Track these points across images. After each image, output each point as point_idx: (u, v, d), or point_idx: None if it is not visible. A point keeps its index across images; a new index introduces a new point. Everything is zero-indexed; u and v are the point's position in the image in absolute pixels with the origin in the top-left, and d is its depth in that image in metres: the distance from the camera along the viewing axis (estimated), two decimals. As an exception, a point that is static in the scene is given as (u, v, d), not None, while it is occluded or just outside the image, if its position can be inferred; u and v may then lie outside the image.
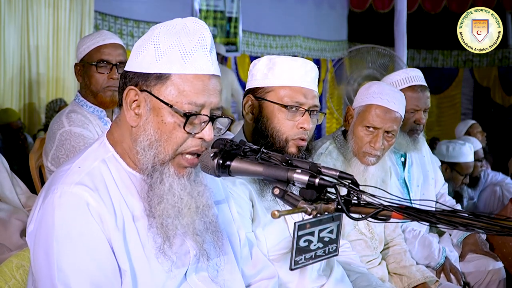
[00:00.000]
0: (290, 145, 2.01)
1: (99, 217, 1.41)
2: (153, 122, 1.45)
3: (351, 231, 2.64)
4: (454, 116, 11.24)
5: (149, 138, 1.45)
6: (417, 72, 3.15)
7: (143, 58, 1.46)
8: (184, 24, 1.48)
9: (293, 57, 2.08)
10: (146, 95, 1.45)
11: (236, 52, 8.37)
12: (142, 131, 1.46)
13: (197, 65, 1.45)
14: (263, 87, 2.04)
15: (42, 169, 2.88)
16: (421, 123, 3.07)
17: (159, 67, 1.44)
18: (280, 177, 1.36)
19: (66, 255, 1.38)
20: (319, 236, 1.37)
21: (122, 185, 1.48)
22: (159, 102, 1.44)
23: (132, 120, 1.47)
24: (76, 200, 1.40)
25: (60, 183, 1.43)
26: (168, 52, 1.44)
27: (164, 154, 1.45)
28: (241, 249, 1.76)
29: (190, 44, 1.45)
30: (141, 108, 1.46)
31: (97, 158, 1.50)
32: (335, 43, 10.53)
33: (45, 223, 1.40)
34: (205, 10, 7.77)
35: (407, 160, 3.16)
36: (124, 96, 1.47)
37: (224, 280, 1.62)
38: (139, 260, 1.46)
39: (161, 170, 1.45)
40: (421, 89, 3.08)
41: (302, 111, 2.00)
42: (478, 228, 1.15)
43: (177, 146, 1.46)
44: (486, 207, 5.01)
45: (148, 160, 1.45)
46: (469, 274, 3.14)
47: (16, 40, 5.95)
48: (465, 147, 4.44)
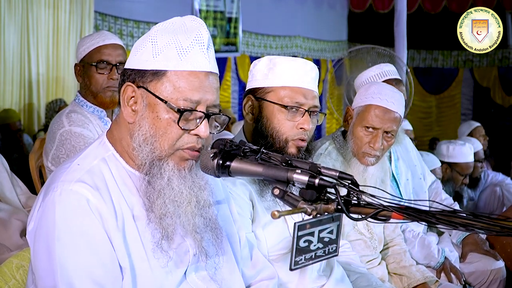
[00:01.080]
0: (289, 146, 2.01)
1: (99, 214, 1.41)
2: (148, 118, 1.46)
3: (351, 231, 2.64)
4: (454, 116, 11.25)
5: (144, 134, 1.45)
6: (391, 67, 3.25)
7: (141, 55, 1.47)
8: (182, 22, 1.49)
9: (294, 58, 2.08)
10: (143, 91, 1.46)
11: (236, 53, 8.37)
12: (137, 126, 1.47)
13: (193, 61, 1.46)
14: (263, 87, 2.04)
15: (42, 169, 2.88)
16: None
17: (155, 63, 1.45)
18: (280, 178, 1.36)
19: (67, 252, 1.38)
20: (319, 236, 1.37)
21: (122, 183, 1.49)
22: (155, 98, 1.45)
23: (129, 116, 1.48)
24: (76, 197, 1.40)
25: (60, 181, 1.43)
26: (165, 49, 1.45)
27: (160, 149, 1.46)
28: (241, 250, 1.76)
29: (187, 41, 1.46)
30: (138, 104, 1.47)
31: (97, 156, 1.50)
32: (335, 44, 10.54)
33: (45, 221, 1.41)
34: (205, 11, 7.77)
35: (392, 154, 3.18)
36: (122, 92, 1.49)
37: (223, 280, 1.62)
38: (139, 258, 1.46)
39: (159, 165, 1.46)
40: (395, 82, 3.15)
41: (302, 111, 2.00)
42: (478, 228, 1.15)
43: (173, 142, 1.46)
44: (486, 207, 5.01)
45: (145, 156, 1.46)
46: (470, 275, 3.15)
47: (16, 40, 5.95)
48: (465, 147, 4.44)
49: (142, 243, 1.47)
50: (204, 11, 7.74)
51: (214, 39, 7.87)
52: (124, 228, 1.45)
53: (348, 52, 6.66)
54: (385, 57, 5.59)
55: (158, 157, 1.46)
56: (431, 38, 10.80)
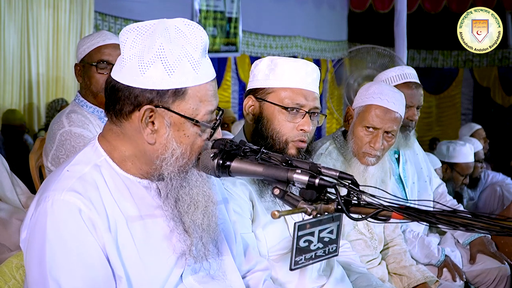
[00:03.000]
0: (290, 147, 2.00)
1: (91, 223, 1.40)
2: (175, 137, 1.45)
3: (351, 231, 2.64)
4: (454, 116, 11.26)
5: (175, 154, 1.45)
6: (412, 70, 3.20)
7: (151, 73, 1.42)
8: (176, 28, 1.45)
9: (295, 59, 2.07)
10: (163, 111, 1.44)
11: (236, 53, 8.37)
12: (164, 148, 1.45)
13: (207, 72, 1.47)
14: (264, 88, 2.04)
15: (42, 169, 2.88)
16: (413, 119, 3.10)
17: (173, 82, 1.42)
18: (280, 178, 1.36)
19: (59, 263, 1.37)
20: (319, 236, 1.37)
21: (115, 189, 1.47)
22: (180, 117, 1.44)
23: (149, 138, 1.45)
24: (68, 207, 1.39)
25: (52, 190, 1.41)
26: (179, 65, 1.42)
27: (190, 164, 1.48)
28: (237, 249, 1.76)
29: (196, 52, 1.44)
30: (156, 124, 1.44)
31: (89, 163, 1.48)
32: (335, 44, 10.54)
33: (37, 232, 1.40)
34: (205, 10, 7.77)
35: (400, 157, 3.18)
36: (140, 116, 1.44)
37: (222, 280, 1.61)
38: (133, 264, 1.45)
39: (186, 176, 1.48)
40: (415, 86, 3.11)
41: (303, 113, 2.00)
42: (478, 229, 1.15)
43: (199, 153, 1.49)
44: (487, 207, 5.01)
45: (173, 171, 1.46)
46: (475, 275, 3.16)
47: (16, 40, 5.95)
48: (466, 147, 4.44)
49: (137, 249, 1.46)
50: (204, 11, 7.73)
51: (214, 39, 7.87)
52: (117, 235, 1.43)
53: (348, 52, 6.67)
54: (385, 57, 5.60)
55: (187, 170, 1.48)
56: (431, 38, 10.80)
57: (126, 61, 1.45)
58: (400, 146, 3.14)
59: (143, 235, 1.47)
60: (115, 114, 1.48)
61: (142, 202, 1.49)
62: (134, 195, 1.49)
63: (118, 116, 1.47)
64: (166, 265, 1.49)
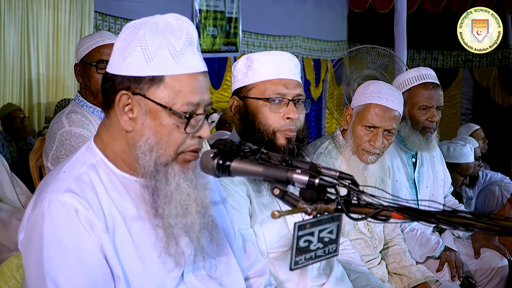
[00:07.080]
0: (278, 137, 2.00)
1: (88, 224, 1.39)
2: (150, 126, 1.43)
3: (351, 231, 2.65)
4: (454, 116, 11.24)
5: (149, 143, 1.43)
6: (430, 71, 3.15)
7: (131, 60, 1.43)
8: (166, 22, 1.46)
9: (270, 51, 2.09)
10: (140, 99, 1.43)
11: (236, 53, 8.37)
12: (140, 136, 1.44)
13: (189, 64, 1.44)
14: (245, 85, 2.06)
15: (42, 169, 2.88)
16: (433, 121, 3.05)
17: (150, 69, 1.42)
18: (280, 178, 1.36)
19: (56, 264, 1.37)
20: (319, 236, 1.37)
21: (112, 189, 1.47)
22: (156, 105, 1.42)
23: (127, 125, 1.45)
24: (64, 208, 1.38)
25: (49, 191, 1.41)
26: (158, 53, 1.42)
27: (166, 156, 1.44)
28: (237, 245, 1.76)
29: (178, 42, 1.43)
30: (135, 112, 1.44)
31: (85, 163, 1.48)
32: (335, 43, 10.53)
33: (35, 233, 1.39)
34: (205, 11, 7.76)
35: (417, 161, 3.15)
36: (117, 101, 1.44)
37: (223, 278, 1.61)
38: (132, 264, 1.44)
39: (164, 171, 1.44)
40: (433, 86, 3.07)
41: (286, 101, 2.00)
42: (478, 228, 1.16)
43: (177, 147, 1.45)
44: (485, 206, 5.01)
45: (150, 163, 1.43)
46: (473, 271, 3.15)
47: (16, 40, 5.95)
48: (466, 148, 4.44)
49: (135, 248, 1.45)
50: (204, 11, 7.73)
51: (214, 39, 7.87)
52: (115, 235, 1.43)
53: (348, 52, 6.67)
54: (385, 57, 5.61)
55: (164, 163, 1.44)
56: (431, 38, 10.79)
57: (115, 52, 1.48)
58: (421, 149, 3.10)
59: (141, 234, 1.47)
60: (105, 106, 1.49)
61: (139, 200, 1.49)
62: (131, 193, 1.48)
63: (107, 108, 1.49)
64: (165, 264, 1.49)
